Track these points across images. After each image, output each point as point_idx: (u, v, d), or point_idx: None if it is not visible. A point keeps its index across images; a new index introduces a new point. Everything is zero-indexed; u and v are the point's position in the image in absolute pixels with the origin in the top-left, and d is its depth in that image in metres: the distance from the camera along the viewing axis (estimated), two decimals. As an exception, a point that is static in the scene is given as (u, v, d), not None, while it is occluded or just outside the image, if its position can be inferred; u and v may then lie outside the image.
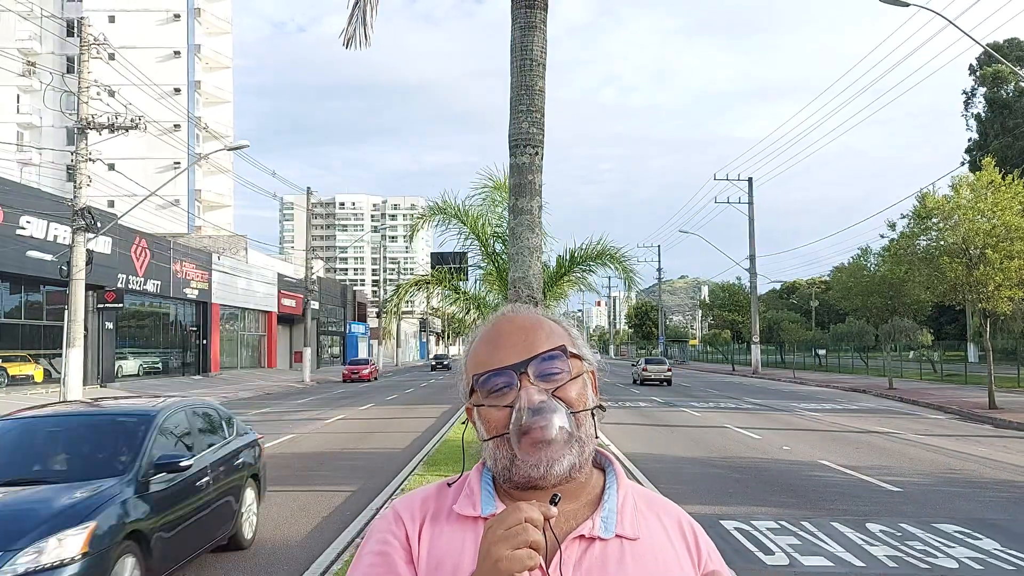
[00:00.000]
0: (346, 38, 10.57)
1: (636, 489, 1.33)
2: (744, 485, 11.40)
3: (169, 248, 38.06)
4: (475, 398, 1.27)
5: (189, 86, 62.54)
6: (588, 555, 1.20)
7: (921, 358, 43.61)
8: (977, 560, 7.27)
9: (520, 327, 1.28)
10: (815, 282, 79.50)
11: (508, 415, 1.21)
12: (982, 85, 54.38)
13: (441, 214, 17.03)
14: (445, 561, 1.21)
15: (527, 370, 1.22)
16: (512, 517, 1.07)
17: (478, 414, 1.27)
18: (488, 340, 1.29)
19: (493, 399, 1.24)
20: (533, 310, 1.35)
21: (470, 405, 1.30)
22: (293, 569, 7.30)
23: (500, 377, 1.23)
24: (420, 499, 1.30)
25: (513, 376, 1.22)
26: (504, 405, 1.22)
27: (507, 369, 1.23)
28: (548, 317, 1.33)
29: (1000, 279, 21.93)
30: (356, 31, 10.47)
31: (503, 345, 1.26)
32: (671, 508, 1.35)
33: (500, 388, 1.23)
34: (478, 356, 1.28)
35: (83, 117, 21.83)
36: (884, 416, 22.09)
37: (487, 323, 1.35)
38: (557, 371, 1.24)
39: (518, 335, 1.27)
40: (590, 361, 1.31)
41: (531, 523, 1.06)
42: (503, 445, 1.22)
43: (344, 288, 74.03)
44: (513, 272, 9.23)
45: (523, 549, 1.04)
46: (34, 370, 28.90)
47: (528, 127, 9.00)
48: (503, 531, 1.06)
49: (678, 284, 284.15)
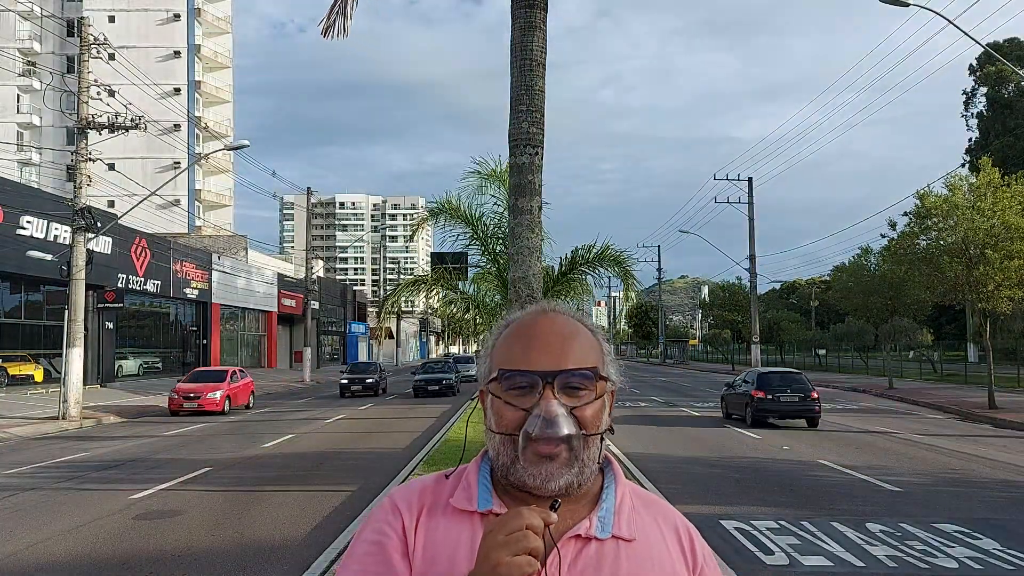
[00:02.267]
0: (325, 27, 10.60)
1: (634, 490, 1.32)
2: (744, 485, 11.40)
3: (169, 248, 38.04)
4: (494, 387, 1.26)
5: (189, 86, 62.49)
6: (583, 555, 1.20)
7: (921, 358, 43.63)
8: (977, 560, 7.26)
9: (559, 332, 1.26)
10: (815, 282, 79.54)
11: (522, 417, 1.20)
12: (983, 85, 54.34)
13: (442, 213, 17.07)
14: (440, 554, 1.21)
15: (554, 381, 1.21)
16: (513, 523, 1.06)
17: (491, 403, 1.26)
18: (524, 335, 1.27)
19: (512, 397, 1.23)
20: (574, 314, 1.32)
21: (485, 390, 1.29)
22: (293, 569, 7.30)
23: (526, 378, 1.22)
24: (418, 490, 1.30)
25: (539, 382, 1.21)
26: (521, 407, 1.21)
27: (536, 374, 1.21)
28: (587, 325, 1.31)
29: (1000, 279, 21.92)
30: (336, 22, 10.51)
31: (538, 346, 1.24)
32: (668, 511, 1.34)
33: (523, 388, 1.22)
34: (510, 348, 1.26)
35: (83, 117, 21.83)
36: (884, 416, 22.09)
37: (524, 315, 1.32)
38: (583, 388, 1.23)
39: (555, 340, 1.25)
40: (614, 381, 1.30)
41: (532, 529, 1.06)
42: (509, 444, 1.22)
43: (344, 288, 74.02)
44: (513, 272, 9.23)
45: (522, 556, 1.04)
46: (34, 370, 28.88)
47: (528, 127, 9.00)
48: (503, 536, 1.06)
49: (678, 284, 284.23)
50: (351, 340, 70.82)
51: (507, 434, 1.22)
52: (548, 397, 1.20)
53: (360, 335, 73.50)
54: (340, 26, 10.49)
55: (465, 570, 1.15)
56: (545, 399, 1.20)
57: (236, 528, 8.92)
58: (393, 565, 1.21)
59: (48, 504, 10.34)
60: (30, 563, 7.59)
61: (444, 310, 24.25)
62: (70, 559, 7.71)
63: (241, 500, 10.52)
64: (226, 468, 13.25)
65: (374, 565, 1.21)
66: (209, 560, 7.55)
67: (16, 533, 8.74)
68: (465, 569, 1.16)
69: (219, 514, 9.64)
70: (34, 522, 9.28)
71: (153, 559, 7.68)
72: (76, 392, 20.80)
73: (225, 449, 15.71)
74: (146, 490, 11.17)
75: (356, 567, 1.22)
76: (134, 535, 8.62)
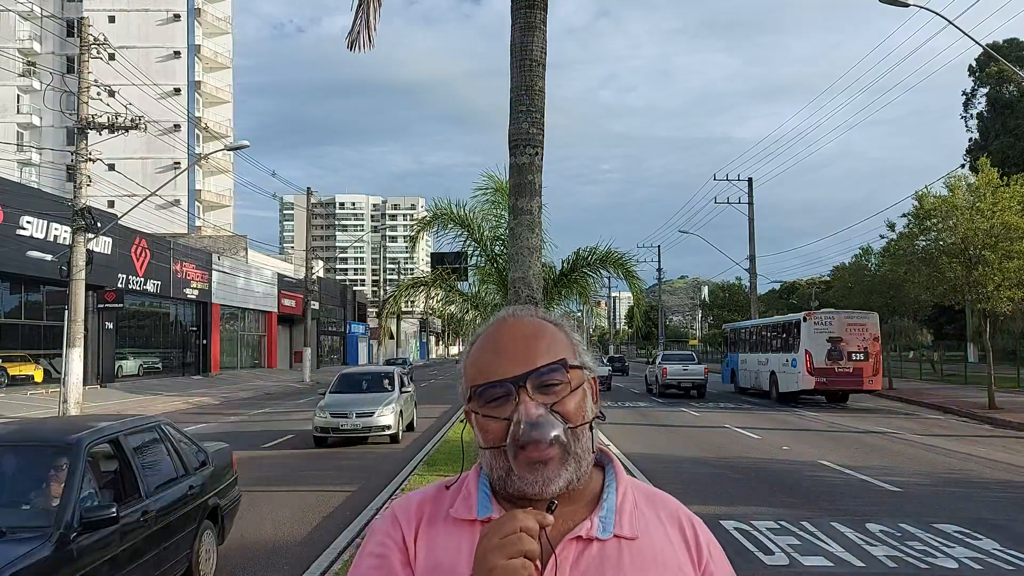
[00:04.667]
0: (350, 41, 10.56)
1: (637, 485, 1.32)
2: (744, 485, 11.40)
3: (169, 248, 38.04)
4: (473, 405, 1.25)
5: (189, 86, 62.48)
6: (585, 556, 1.20)
7: (921, 358, 43.61)
8: (977, 560, 7.27)
9: (521, 335, 1.26)
10: (815, 282, 79.51)
11: (506, 427, 1.19)
12: (984, 85, 54.30)
13: (442, 219, 17.04)
14: (442, 564, 1.21)
15: (526, 383, 1.20)
16: (508, 526, 1.07)
17: (476, 422, 1.26)
18: (488, 348, 1.27)
19: (490, 409, 1.22)
20: (534, 314, 1.32)
21: (468, 410, 1.28)
22: (293, 569, 7.30)
23: (498, 388, 1.21)
24: (417, 502, 1.30)
25: (512, 388, 1.20)
26: (502, 417, 1.20)
27: (506, 382, 1.21)
28: (549, 320, 1.31)
29: (999, 279, 21.91)
30: (360, 33, 10.45)
31: (503, 354, 1.24)
32: (671, 504, 1.34)
33: (498, 398, 1.21)
34: (478, 364, 1.26)
35: (83, 117, 21.83)
36: (884, 416, 22.09)
37: (487, 327, 1.32)
38: (556, 383, 1.22)
39: (519, 344, 1.24)
40: (591, 368, 1.29)
41: (527, 532, 1.06)
42: (500, 456, 1.21)
43: (344, 288, 74.05)
44: (513, 272, 9.23)
45: (518, 559, 1.04)
46: (34, 370, 28.87)
47: (528, 127, 8.99)
48: (498, 540, 1.06)
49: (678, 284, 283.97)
50: (351, 340, 70.84)
51: (496, 447, 1.21)
52: (525, 400, 1.19)
53: (360, 335, 73.52)
54: (365, 38, 10.48)
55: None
56: (522, 403, 1.19)
57: (236, 528, 8.89)
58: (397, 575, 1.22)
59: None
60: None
61: (443, 310, 24.22)
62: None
63: (241, 500, 10.51)
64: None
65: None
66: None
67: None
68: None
69: (219, 514, 9.63)
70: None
71: (153, 559, 7.67)
72: (76, 392, 20.79)
73: (225, 449, 15.69)
74: (146, 490, 11.16)
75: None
76: (134, 535, 8.61)
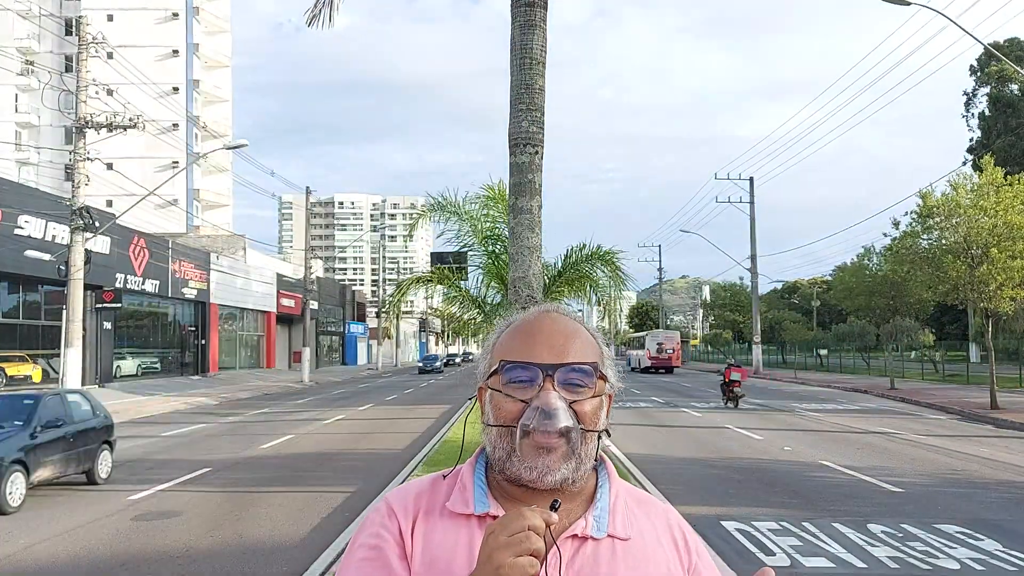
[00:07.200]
0: (310, 17, 10.78)
1: (627, 489, 1.34)
2: (745, 486, 11.36)
3: (167, 248, 37.99)
4: (494, 381, 1.27)
5: (188, 85, 62.43)
6: (580, 554, 1.21)
7: (923, 358, 43.54)
8: (978, 561, 7.23)
9: (561, 330, 1.29)
10: (817, 282, 79.58)
11: (521, 409, 1.22)
12: (985, 84, 54.26)
13: (441, 211, 17.01)
14: (439, 559, 1.21)
15: (554, 374, 1.23)
16: (515, 524, 1.06)
17: (490, 398, 1.28)
18: (526, 331, 1.29)
19: (512, 389, 1.24)
20: (576, 316, 1.36)
21: (484, 386, 1.30)
22: (293, 569, 7.26)
23: (527, 371, 1.24)
24: (414, 493, 1.30)
25: (539, 375, 1.23)
26: (521, 400, 1.23)
27: (536, 366, 1.23)
28: (588, 328, 1.34)
29: (1002, 278, 21.87)
30: (322, 11, 10.72)
31: (540, 342, 1.26)
32: (660, 507, 1.36)
33: (523, 381, 1.24)
34: (513, 343, 1.28)
35: (81, 116, 21.78)
36: (885, 416, 22.05)
37: (529, 313, 1.35)
38: (582, 384, 1.25)
39: (557, 337, 1.27)
40: (612, 384, 1.32)
41: (534, 530, 1.06)
42: (506, 436, 1.23)
43: (343, 288, 74.01)
44: (513, 272, 9.19)
45: (525, 557, 1.04)
46: (32, 370, 28.80)
47: (528, 126, 8.95)
48: (506, 537, 1.05)
49: (679, 284, 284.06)
50: (350, 340, 70.82)
51: (505, 426, 1.23)
52: (548, 389, 1.22)
53: (359, 335, 73.49)
54: (325, 16, 10.62)
55: (464, 573, 1.16)
56: (545, 391, 1.21)
57: (235, 529, 8.89)
58: (392, 568, 1.21)
59: (46, 505, 10.31)
60: (28, 564, 7.55)
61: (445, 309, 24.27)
62: (68, 560, 7.67)
63: (240, 501, 10.48)
64: (225, 469, 13.22)
65: (373, 570, 1.21)
66: (208, 561, 7.52)
67: (14, 534, 8.71)
68: (464, 572, 1.16)
69: (218, 515, 9.61)
70: (32, 523, 9.25)
71: (152, 560, 7.65)
72: (75, 392, 20.75)
73: (224, 450, 15.67)
74: (145, 491, 11.14)
75: (355, 572, 1.22)
76: (133, 536, 8.59)
